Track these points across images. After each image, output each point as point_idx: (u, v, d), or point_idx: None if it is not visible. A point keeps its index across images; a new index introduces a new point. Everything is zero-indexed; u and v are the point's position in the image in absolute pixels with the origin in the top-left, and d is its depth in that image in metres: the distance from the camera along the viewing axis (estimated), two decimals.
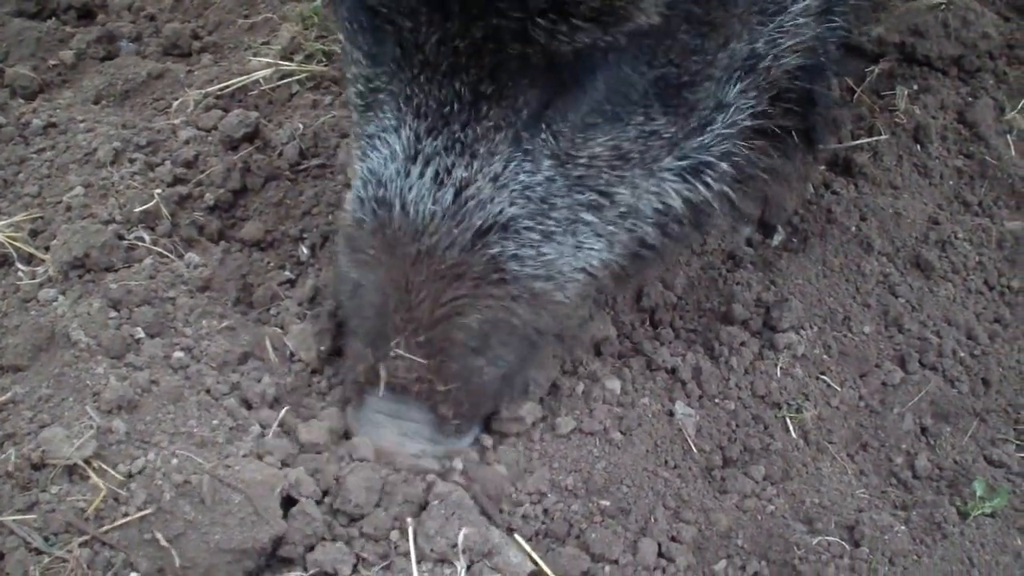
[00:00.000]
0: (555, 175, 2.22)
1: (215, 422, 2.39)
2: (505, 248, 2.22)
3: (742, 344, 2.84)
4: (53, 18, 4.12)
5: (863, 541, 2.42)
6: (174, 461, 2.21)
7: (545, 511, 2.38)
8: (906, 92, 3.78)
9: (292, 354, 2.68)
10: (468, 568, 2.17)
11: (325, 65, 3.74)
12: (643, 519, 2.40)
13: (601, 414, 2.59)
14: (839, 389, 2.82)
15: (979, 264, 3.24)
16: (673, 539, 2.38)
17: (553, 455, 2.50)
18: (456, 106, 2.10)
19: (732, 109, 2.36)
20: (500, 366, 2.37)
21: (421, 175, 2.17)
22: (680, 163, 2.34)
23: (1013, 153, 3.61)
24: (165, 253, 2.82)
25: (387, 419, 2.36)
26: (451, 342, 2.26)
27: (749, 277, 3.10)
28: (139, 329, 2.54)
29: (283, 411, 2.47)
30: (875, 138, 3.61)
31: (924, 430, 2.79)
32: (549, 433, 2.55)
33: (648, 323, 2.99)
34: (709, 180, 2.40)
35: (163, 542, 2.08)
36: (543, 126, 2.17)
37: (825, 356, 2.89)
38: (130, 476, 2.18)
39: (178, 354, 2.52)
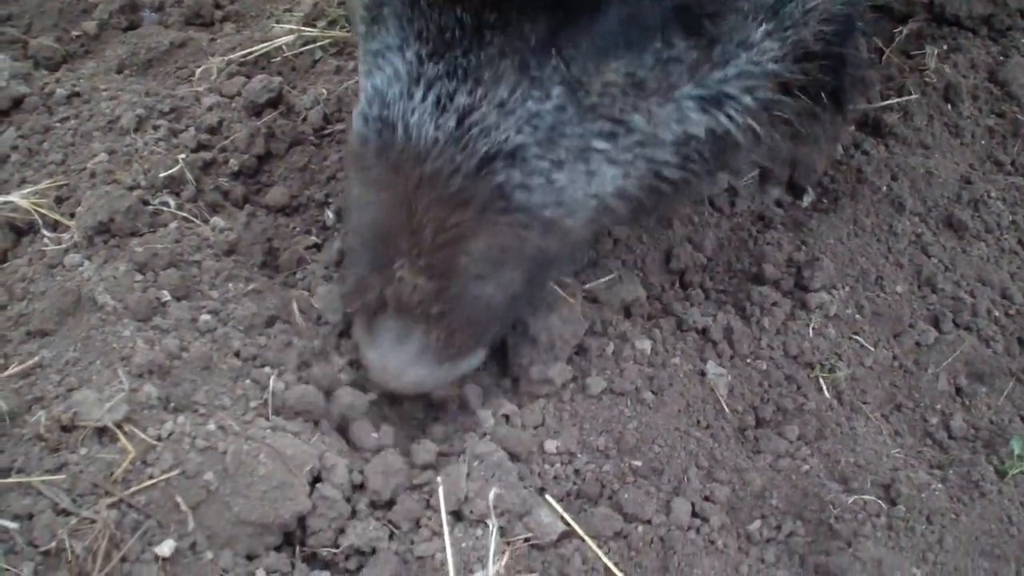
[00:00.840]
0: (566, 103, 2.13)
1: (245, 389, 2.39)
2: (511, 176, 2.12)
3: (774, 304, 2.81)
4: None
5: (899, 500, 2.39)
6: (203, 426, 2.20)
7: (576, 471, 2.37)
8: (936, 52, 3.73)
9: (319, 316, 2.65)
10: (501, 529, 2.16)
11: (348, 31, 3.70)
12: (676, 479, 2.39)
13: (632, 374, 2.57)
14: (872, 349, 2.79)
15: (1012, 223, 3.20)
16: (707, 499, 2.37)
17: (584, 415, 2.48)
18: (458, 32, 2.04)
19: (756, 50, 2.28)
20: (508, 289, 2.31)
21: (423, 99, 2.09)
22: (700, 91, 2.25)
23: None
24: (190, 218, 2.80)
25: (392, 343, 2.31)
26: (455, 266, 2.20)
27: (780, 237, 3.06)
28: (165, 292, 2.52)
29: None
30: (905, 98, 3.57)
31: (959, 390, 2.76)
32: (579, 394, 2.53)
33: (678, 284, 2.97)
34: (732, 112, 2.31)
35: (184, 507, 2.08)
36: (553, 52, 2.09)
37: (858, 316, 2.85)
38: (159, 440, 2.16)
39: (205, 317, 2.51)
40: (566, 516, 2.25)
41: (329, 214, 3.04)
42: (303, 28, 3.70)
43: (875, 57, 3.74)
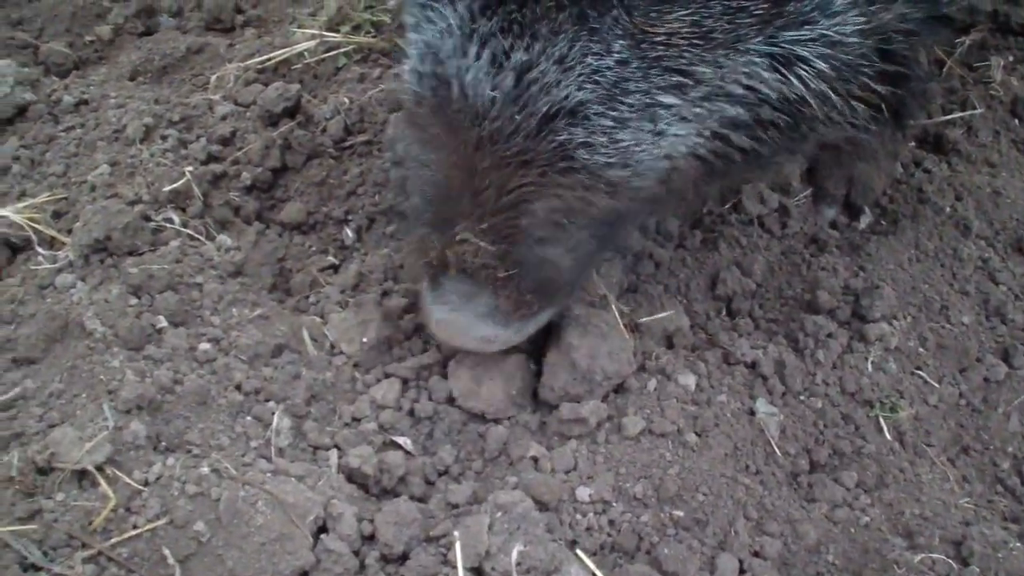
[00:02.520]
0: (629, 56, 2.05)
1: (246, 427, 2.28)
2: (574, 135, 2.06)
3: (829, 335, 2.67)
4: None
5: (972, 559, 2.26)
6: (195, 470, 2.07)
7: (611, 522, 2.25)
8: (1001, 63, 3.61)
9: (333, 346, 2.54)
10: None
11: (374, 36, 3.58)
12: (722, 532, 2.26)
13: (673, 413, 2.43)
14: (937, 386, 2.64)
15: None
16: (755, 554, 2.25)
17: (620, 459, 2.35)
18: None
19: (839, 19, 2.18)
20: (576, 251, 2.33)
21: (478, 56, 2.03)
22: (771, 48, 2.16)
23: None
24: (195, 235, 2.68)
25: (458, 301, 2.32)
26: (517, 229, 2.21)
27: (835, 262, 2.92)
28: (161, 318, 2.41)
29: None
30: (969, 112, 3.44)
31: None
32: (615, 434, 2.41)
33: (725, 312, 2.85)
34: (804, 75, 2.22)
35: (171, 560, 1.94)
36: (613, 1, 2.02)
37: (921, 349, 2.70)
38: (145, 484, 2.04)
39: (204, 346, 2.39)
40: (599, 573, 2.13)
41: (348, 232, 2.93)
42: (325, 33, 3.56)
43: (936, 69, 3.60)
